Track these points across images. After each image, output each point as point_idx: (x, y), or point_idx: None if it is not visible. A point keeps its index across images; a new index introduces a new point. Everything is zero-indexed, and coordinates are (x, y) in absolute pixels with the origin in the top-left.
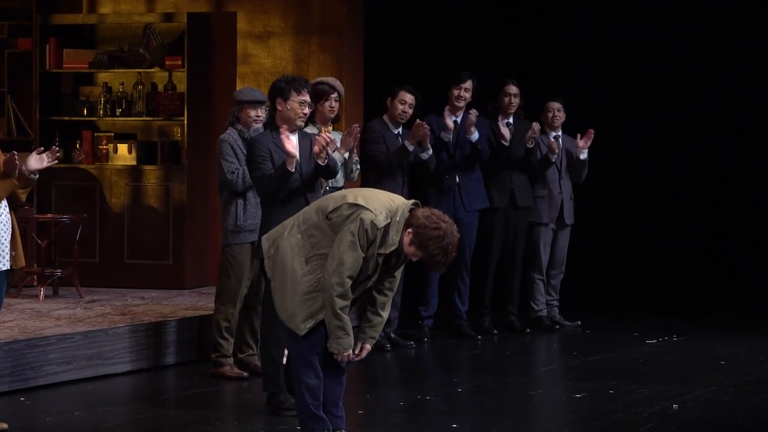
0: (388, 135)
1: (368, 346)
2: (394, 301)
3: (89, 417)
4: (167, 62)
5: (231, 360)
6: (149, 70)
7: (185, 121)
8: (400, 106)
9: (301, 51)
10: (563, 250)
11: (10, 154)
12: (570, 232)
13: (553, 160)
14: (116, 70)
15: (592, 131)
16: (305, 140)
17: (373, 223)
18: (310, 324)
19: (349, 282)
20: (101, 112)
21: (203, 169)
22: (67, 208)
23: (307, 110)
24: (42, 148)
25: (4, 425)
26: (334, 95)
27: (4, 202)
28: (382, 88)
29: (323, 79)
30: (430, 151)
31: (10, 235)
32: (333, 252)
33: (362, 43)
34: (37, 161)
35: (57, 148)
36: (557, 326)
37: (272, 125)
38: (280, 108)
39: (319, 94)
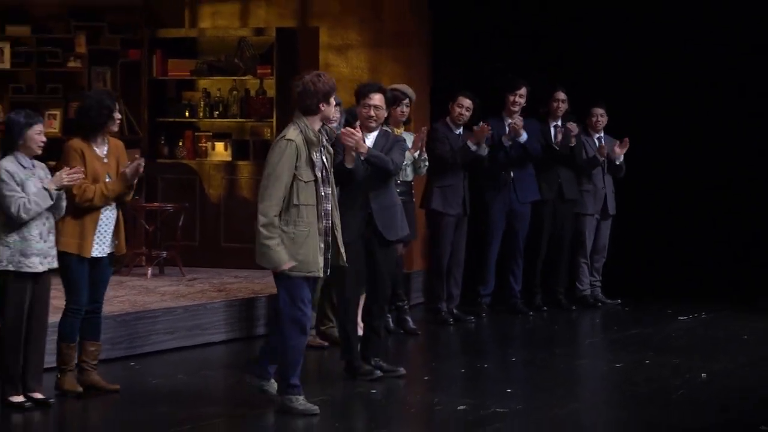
0: (451, 135)
1: None
2: (455, 279)
3: (190, 380)
4: (258, 71)
5: (314, 331)
6: (243, 78)
7: (274, 122)
8: (459, 110)
9: (375, 61)
10: (605, 237)
11: (137, 164)
12: (611, 222)
13: (601, 161)
14: (214, 78)
15: (627, 140)
16: (383, 138)
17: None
18: None
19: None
20: (201, 114)
21: None
22: (171, 198)
23: (372, 112)
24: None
25: (117, 386)
26: (406, 101)
27: None
28: (446, 94)
29: (397, 86)
30: (486, 149)
31: (113, 226)
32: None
33: (428, 54)
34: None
35: (143, 164)
36: (599, 304)
37: (351, 124)
38: (357, 111)
39: (393, 100)
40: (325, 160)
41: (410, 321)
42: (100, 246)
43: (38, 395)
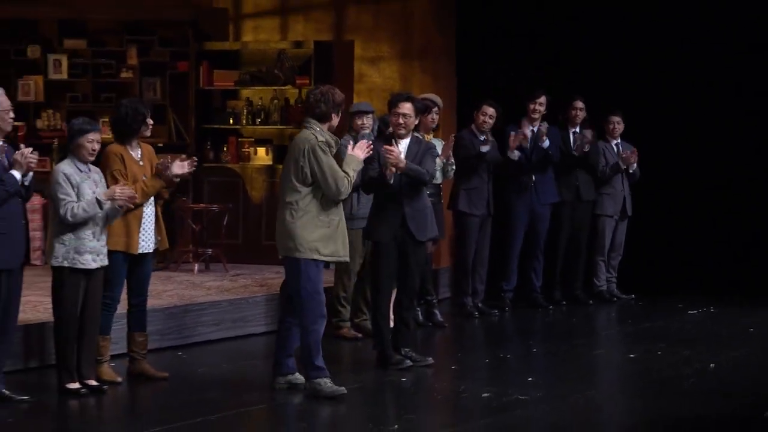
0: (476, 141)
1: None
2: (480, 276)
3: (234, 368)
4: (297, 81)
5: (348, 324)
6: (283, 88)
7: None
8: (483, 117)
9: (405, 72)
10: (622, 236)
11: (164, 159)
12: (627, 222)
13: (623, 168)
14: (256, 88)
15: (636, 150)
16: (415, 145)
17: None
18: None
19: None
20: (244, 121)
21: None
22: (217, 200)
23: (402, 120)
24: (184, 156)
25: (165, 374)
26: (435, 109)
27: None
28: (471, 103)
29: (427, 95)
30: (517, 154)
31: (154, 224)
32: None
33: (454, 66)
34: (179, 167)
35: (195, 159)
36: (615, 299)
37: (381, 132)
38: (389, 119)
39: (424, 108)
40: None
41: (438, 314)
42: (145, 242)
43: (92, 382)
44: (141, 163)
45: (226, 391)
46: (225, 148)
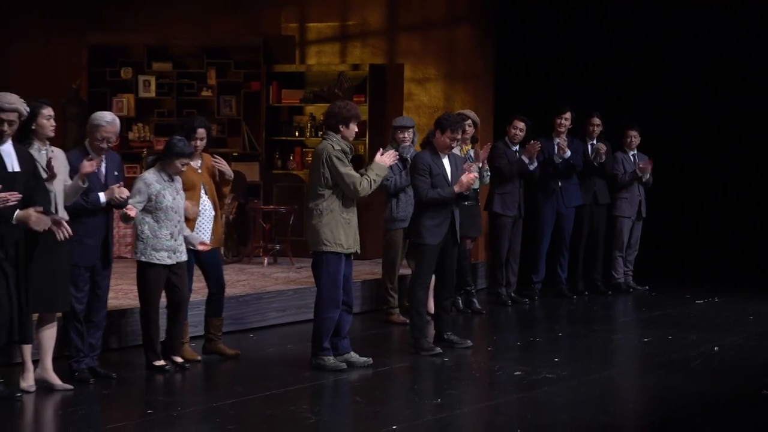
0: (509, 152)
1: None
2: (513, 269)
3: (297, 349)
4: (354, 99)
5: (397, 310)
6: None
7: (367, 140)
8: (514, 131)
9: (449, 91)
10: (637, 234)
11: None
12: (642, 222)
13: (640, 177)
14: (318, 104)
15: (651, 160)
16: (456, 160)
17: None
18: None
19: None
20: (308, 133)
21: None
22: (284, 202)
23: (454, 144)
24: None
25: (237, 351)
26: (468, 121)
27: (206, 197)
28: (506, 118)
29: (463, 111)
30: (536, 164)
31: (212, 222)
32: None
33: (492, 86)
34: (227, 169)
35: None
36: (631, 290)
37: (430, 146)
38: (438, 136)
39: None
40: None
41: (476, 302)
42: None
43: (178, 359)
44: (200, 171)
45: (290, 368)
46: (291, 157)
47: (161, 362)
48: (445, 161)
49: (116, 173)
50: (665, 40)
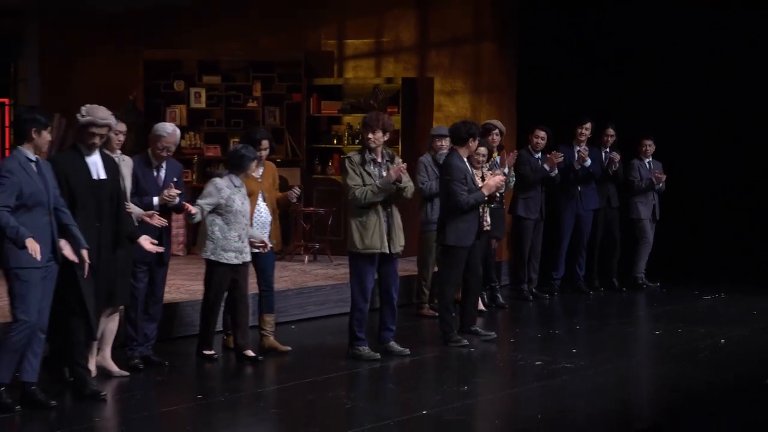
0: (531, 159)
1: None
2: (534, 267)
3: (335, 340)
4: (388, 109)
5: (428, 304)
6: None
7: (400, 147)
8: (536, 139)
9: (475, 103)
10: (651, 235)
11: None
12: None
13: (656, 184)
14: (355, 115)
15: (664, 176)
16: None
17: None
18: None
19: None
20: (345, 141)
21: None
22: (323, 204)
23: (482, 149)
24: (297, 188)
25: (289, 348)
26: (496, 131)
27: (264, 204)
28: (528, 127)
29: (490, 121)
30: (556, 171)
31: (269, 227)
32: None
33: (515, 98)
34: (292, 196)
35: (299, 190)
36: (644, 286)
37: (455, 152)
38: (471, 144)
39: (486, 130)
40: (383, 171)
41: (500, 297)
42: None
43: (250, 353)
44: (260, 180)
45: (329, 358)
46: (330, 163)
47: (211, 352)
48: (468, 165)
49: (175, 179)
50: (667, 47)
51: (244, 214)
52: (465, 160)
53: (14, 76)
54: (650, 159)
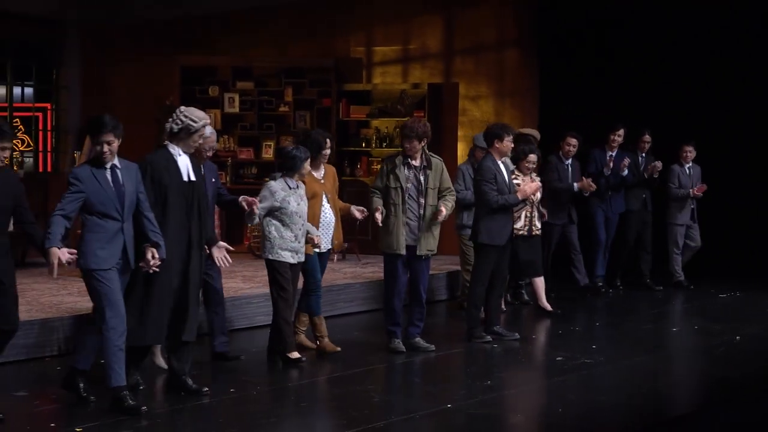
0: (560, 166)
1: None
2: (577, 268)
3: (363, 335)
4: (415, 114)
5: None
6: (404, 119)
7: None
8: (567, 147)
9: (499, 107)
10: (697, 235)
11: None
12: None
13: (692, 194)
14: (383, 119)
15: (705, 186)
16: (507, 166)
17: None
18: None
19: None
20: (373, 145)
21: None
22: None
23: (532, 156)
24: (363, 208)
25: (338, 348)
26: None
27: (328, 206)
28: (552, 132)
29: (527, 131)
30: (587, 194)
31: (332, 229)
32: None
33: (538, 103)
34: (357, 213)
35: (365, 211)
36: (691, 287)
37: (489, 155)
38: (497, 145)
39: (523, 141)
40: (419, 175)
41: (525, 294)
42: (323, 244)
43: (294, 355)
44: (322, 181)
45: (357, 351)
46: (358, 165)
47: (297, 355)
48: (502, 167)
49: (213, 179)
50: (687, 52)
51: (300, 215)
52: (499, 162)
53: (56, 82)
54: (690, 164)
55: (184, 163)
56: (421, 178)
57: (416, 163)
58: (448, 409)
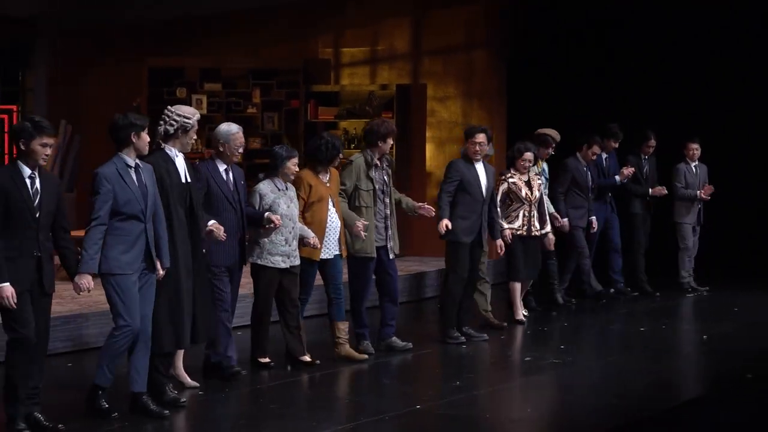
0: (579, 170)
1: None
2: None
3: (333, 338)
4: (383, 115)
5: (490, 312)
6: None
7: (394, 151)
8: (589, 153)
9: (467, 108)
10: (696, 239)
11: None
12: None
13: (701, 197)
14: (351, 120)
15: (711, 187)
16: (487, 168)
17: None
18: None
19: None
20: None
21: (404, 182)
22: None
23: (478, 147)
24: (363, 221)
25: (365, 356)
26: (553, 145)
27: (334, 210)
28: (520, 132)
29: (547, 131)
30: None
31: (339, 233)
32: None
33: (506, 104)
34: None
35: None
36: (690, 290)
37: (464, 156)
38: (465, 147)
39: (544, 142)
40: (385, 177)
41: (559, 297)
42: (328, 250)
43: (306, 358)
44: (328, 185)
45: (329, 354)
46: None
47: (266, 360)
48: (479, 168)
49: (243, 181)
50: (659, 48)
51: (290, 217)
52: (476, 164)
53: (22, 84)
54: (696, 162)
55: (181, 164)
56: (385, 177)
57: (380, 163)
58: (417, 410)
